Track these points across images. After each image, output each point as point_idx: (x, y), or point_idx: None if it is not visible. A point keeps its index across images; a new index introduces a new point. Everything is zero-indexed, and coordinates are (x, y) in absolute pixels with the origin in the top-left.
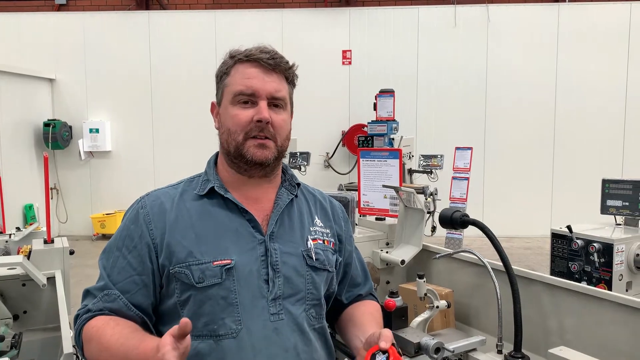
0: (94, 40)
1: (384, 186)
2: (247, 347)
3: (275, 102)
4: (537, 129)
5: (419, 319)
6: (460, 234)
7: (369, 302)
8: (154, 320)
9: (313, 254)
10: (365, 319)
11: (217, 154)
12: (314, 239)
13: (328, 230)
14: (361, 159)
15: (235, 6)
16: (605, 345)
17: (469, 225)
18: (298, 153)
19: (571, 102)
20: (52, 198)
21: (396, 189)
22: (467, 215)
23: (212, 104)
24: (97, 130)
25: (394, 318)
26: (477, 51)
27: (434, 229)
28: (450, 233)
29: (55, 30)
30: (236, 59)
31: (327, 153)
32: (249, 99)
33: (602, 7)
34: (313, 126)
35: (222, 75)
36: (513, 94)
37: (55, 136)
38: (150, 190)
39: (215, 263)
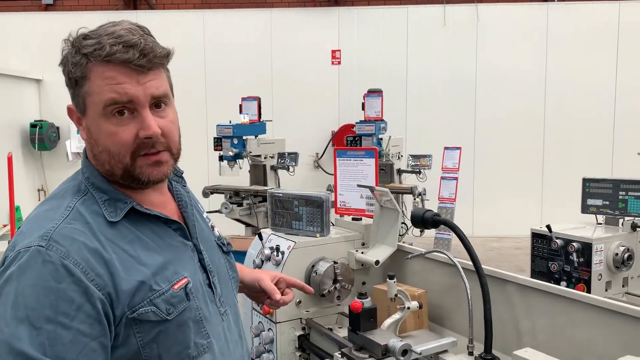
0: None
1: (359, 186)
2: (218, 355)
3: (157, 102)
4: (527, 129)
5: (389, 320)
6: (449, 234)
7: None
8: None
9: (224, 240)
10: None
11: (87, 163)
12: (212, 226)
13: (204, 211)
14: (337, 159)
15: (224, 6)
16: (578, 346)
17: (441, 225)
18: (286, 153)
19: (560, 102)
20: (39, 200)
21: (371, 189)
22: (438, 215)
23: (70, 109)
24: None
25: (362, 320)
26: (467, 51)
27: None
28: (439, 233)
29: (42, 31)
30: (92, 60)
31: (317, 153)
32: (124, 107)
33: (591, 7)
34: (302, 126)
35: (78, 80)
36: (502, 93)
37: (42, 137)
38: (44, 236)
39: (175, 287)
